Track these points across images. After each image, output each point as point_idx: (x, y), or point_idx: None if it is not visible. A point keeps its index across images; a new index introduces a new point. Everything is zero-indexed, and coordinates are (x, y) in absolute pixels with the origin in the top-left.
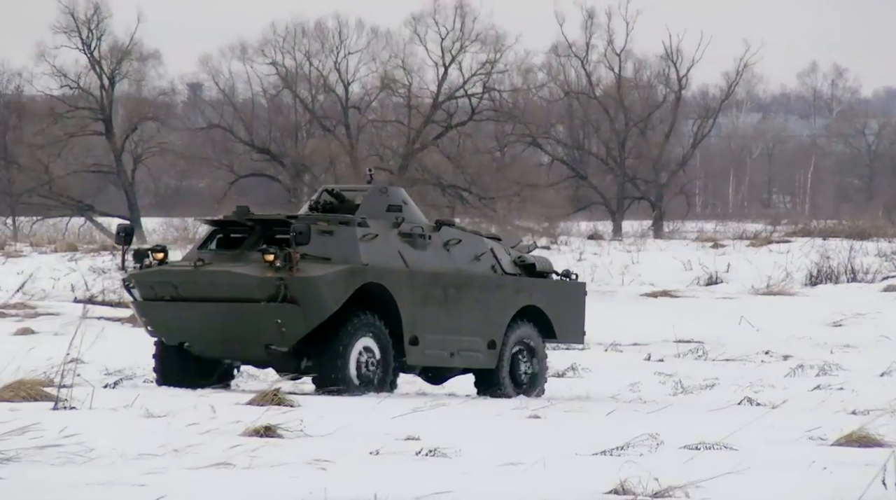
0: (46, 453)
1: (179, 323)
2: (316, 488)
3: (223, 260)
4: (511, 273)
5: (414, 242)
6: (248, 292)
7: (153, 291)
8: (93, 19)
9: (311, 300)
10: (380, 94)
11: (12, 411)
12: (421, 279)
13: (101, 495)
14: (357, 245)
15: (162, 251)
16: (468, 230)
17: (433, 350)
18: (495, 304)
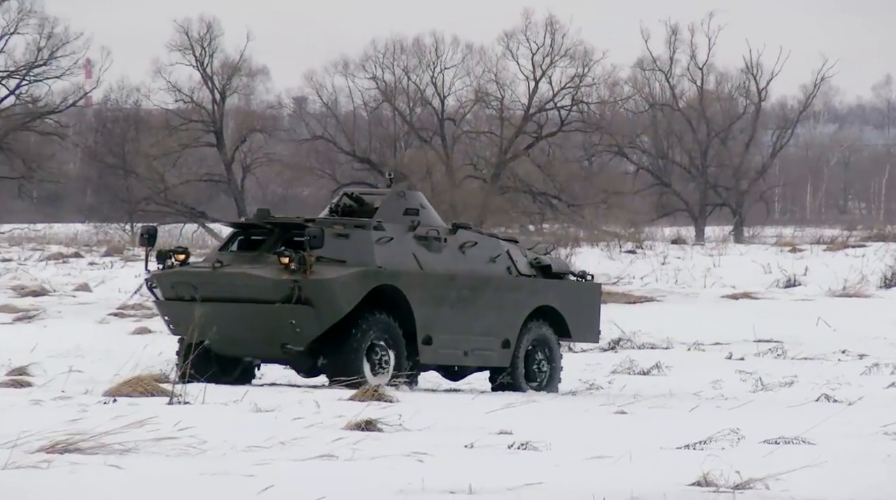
0: (162, 445)
1: (199, 322)
2: (414, 479)
3: (241, 262)
4: (527, 274)
5: (429, 244)
6: (263, 293)
7: (174, 291)
8: (205, 38)
9: (324, 302)
10: (474, 106)
11: (131, 405)
12: (435, 281)
13: (213, 485)
14: (372, 248)
15: (184, 253)
16: (485, 233)
17: (446, 349)
18: (510, 304)
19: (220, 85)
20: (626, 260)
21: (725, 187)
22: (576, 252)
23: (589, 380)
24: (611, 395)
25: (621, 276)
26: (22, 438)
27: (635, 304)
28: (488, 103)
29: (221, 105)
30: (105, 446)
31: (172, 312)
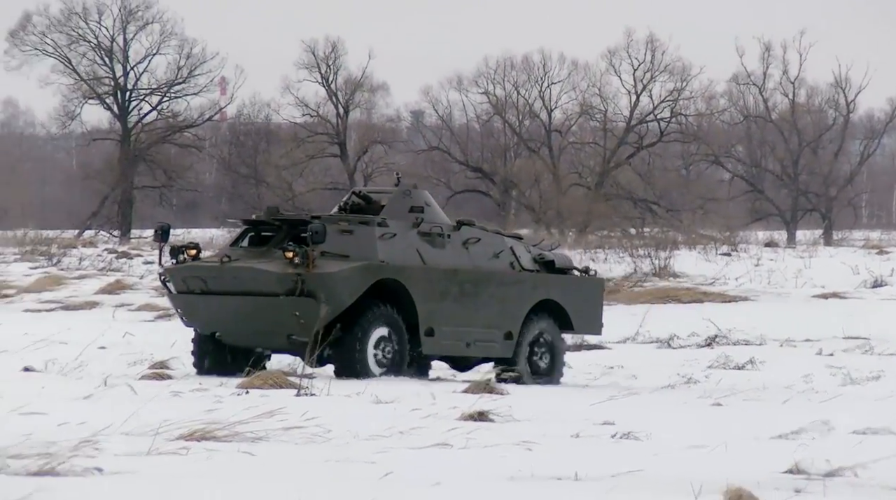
0: (291, 433)
1: (209, 315)
2: (523, 466)
3: (249, 257)
4: (529, 269)
5: (433, 240)
6: (268, 286)
7: (185, 284)
8: (330, 56)
9: (326, 294)
10: (579, 119)
11: (262, 396)
12: (437, 275)
13: (337, 470)
14: (375, 243)
15: (195, 248)
16: (489, 230)
17: (449, 341)
18: (512, 298)
19: (343, 100)
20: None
21: (815, 194)
22: (674, 255)
23: (687, 374)
24: (707, 388)
25: (717, 277)
26: (163, 427)
27: (730, 303)
28: (592, 116)
29: (345, 119)
30: (238, 434)
31: (184, 304)
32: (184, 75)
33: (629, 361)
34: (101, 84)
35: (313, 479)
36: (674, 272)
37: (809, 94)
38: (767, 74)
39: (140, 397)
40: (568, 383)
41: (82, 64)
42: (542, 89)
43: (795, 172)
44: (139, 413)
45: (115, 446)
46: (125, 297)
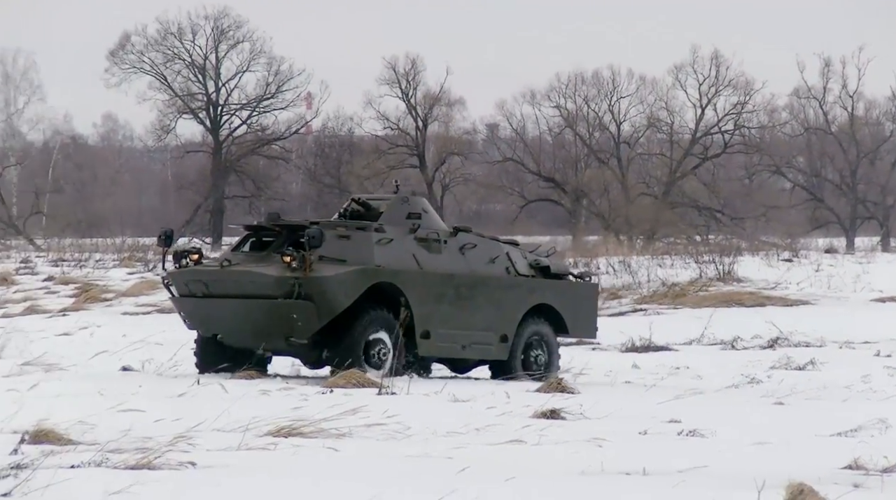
0: (372, 430)
1: (211, 317)
2: (593, 461)
3: (249, 261)
4: (525, 274)
5: (429, 246)
6: (267, 289)
7: (187, 288)
8: (410, 73)
9: (323, 297)
10: (646, 131)
11: (346, 395)
12: (433, 279)
13: (417, 465)
14: (372, 248)
15: (197, 253)
16: (486, 236)
17: (444, 343)
18: (508, 302)
19: (422, 114)
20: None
21: (873, 202)
22: (738, 260)
23: (750, 375)
24: (769, 388)
25: (779, 281)
26: (253, 423)
27: (792, 306)
28: (659, 128)
29: (424, 132)
30: (323, 431)
31: (186, 307)
32: (272, 91)
33: (695, 362)
34: (194, 100)
35: (394, 473)
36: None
37: (867, 107)
38: (827, 88)
39: (231, 395)
40: (636, 383)
41: (177, 81)
42: (612, 103)
43: (854, 181)
44: (230, 411)
45: (207, 441)
46: None
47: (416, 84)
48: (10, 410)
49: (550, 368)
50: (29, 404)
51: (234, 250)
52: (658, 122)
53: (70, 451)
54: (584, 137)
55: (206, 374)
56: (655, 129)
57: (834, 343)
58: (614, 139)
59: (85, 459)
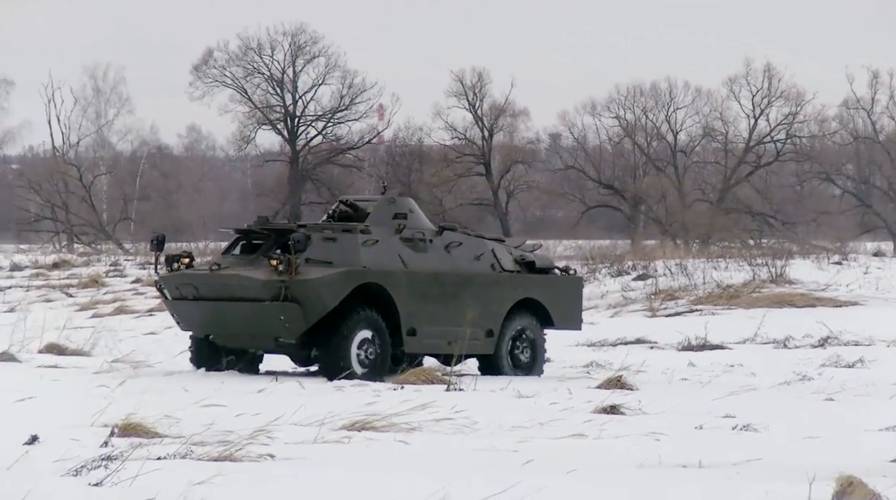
0: (441, 424)
1: (202, 319)
2: (651, 454)
3: (238, 264)
4: (510, 270)
5: (415, 245)
6: (254, 292)
7: (179, 291)
8: (477, 85)
9: (309, 299)
10: (702, 140)
11: (416, 391)
12: (418, 278)
13: (484, 458)
14: (358, 250)
15: (188, 257)
16: (471, 234)
17: (430, 340)
18: (493, 297)
19: (488, 124)
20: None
21: None
22: (789, 263)
23: (801, 372)
24: (820, 385)
25: (829, 283)
26: (328, 418)
27: (841, 307)
28: (714, 138)
29: (489, 141)
30: (394, 425)
31: (178, 310)
32: (346, 103)
33: (748, 360)
34: (273, 111)
35: (461, 466)
36: (789, 279)
37: None
38: (875, 100)
39: (307, 391)
40: (692, 380)
41: (256, 94)
42: (669, 114)
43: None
44: (306, 406)
45: (285, 434)
46: None
47: (483, 96)
48: (101, 405)
49: (537, 360)
50: (118, 399)
51: (224, 254)
52: (713, 131)
53: (156, 444)
54: (642, 146)
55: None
56: (710, 138)
57: (882, 342)
58: (671, 148)
59: (170, 451)
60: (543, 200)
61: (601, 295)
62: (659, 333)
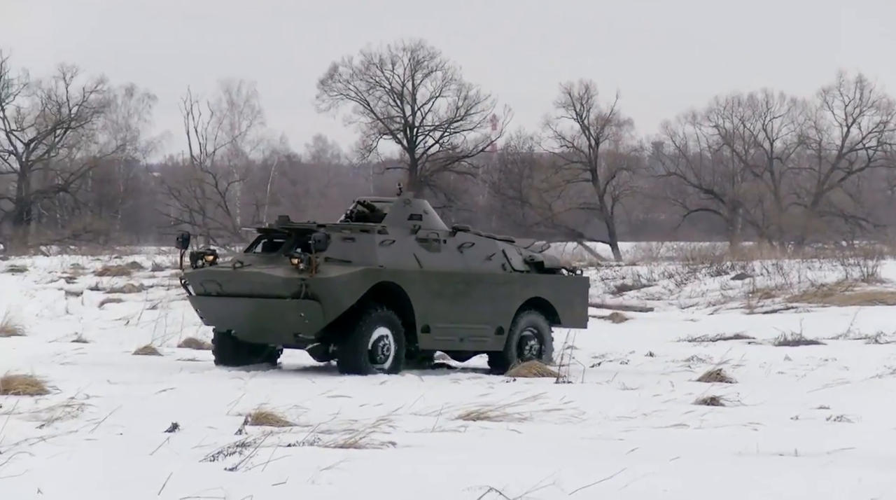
0: (551, 415)
1: (225, 314)
2: (750, 443)
3: (260, 262)
4: (520, 270)
5: (429, 245)
6: (276, 289)
7: (203, 287)
8: (584, 96)
9: (328, 297)
10: (797, 148)
11: (527, 384)
12: (433, 277)
13: (591, 446)
14: (375, 250)
15: (212, 255)
16: (483, 235)
17: (443, 336)
18: (503, 296)
19: (594, 133)
20: None
21: None
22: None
23: (893, 366)
24: None
25: None
26: (445, 408)
27: None
28: (808, 145)
29: (596, 149)
30: (507, 415)
31: (202, 305)
32: (461, 114)
33: (841, 354)
34: (393, 122)
35: (570, 453)
36: (880, 278)
37: None
38: None
39: (426, 383)
40: (788, 374)
41: (378, 106)
42: (765, 122)
43: None
44: (425, 397)
45: (406, 423)
46: None
47: (589, 107)
48: (236, 396)
49: (545, 357)
50: (251, 390)
51: (246, 252)
52: (807, 139)
53: (287, 431)
54: (740, 154)
55: (222, 366)
56: (805, 146)
57: None
58: (767, 155)
59: (300, 439)
60: (647, 204)
61: (701, 293)
62: (756, 329)
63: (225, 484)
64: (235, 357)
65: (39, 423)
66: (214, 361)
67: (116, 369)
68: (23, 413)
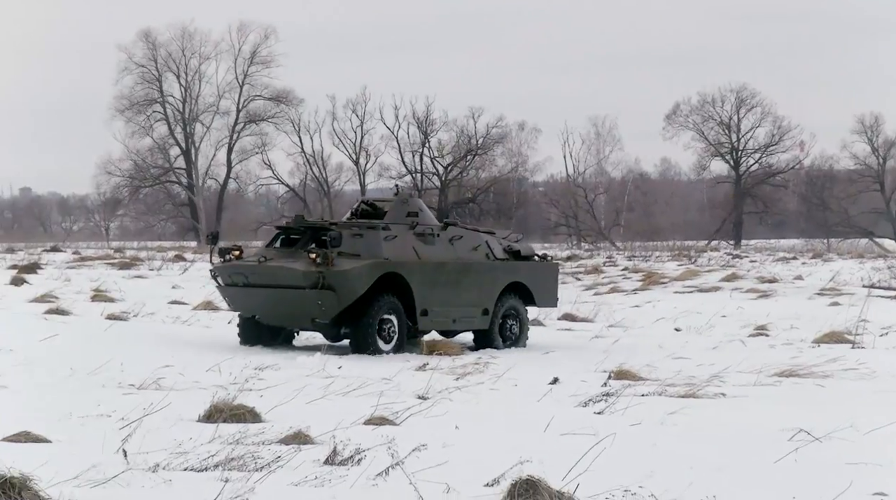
0: (848, 373)
1: (250, 302)
2: None
3: (281, 257)
4: (501, 258)
5: (426, 239)
6: (297, 281)
7: (231, 279)
8: (874, 125)
9: (343, 287)
10: None
11: (829, 348)
12: (429, 267)
13: (882, 398)
14: (381, 244)
15: (238, 250)
16: (468, 228)
17: (439, 318)
18: (488, 282)
19: (882, 153)
20: None
21: None
22: None
23: None
24: None
25: None
26: (764, 367)
27: None
28: None
29: (883, 166)
30: (812, 373)
31: (230, 294)
32: (776, 140)
33: None
34: (722, 147)
35: (864, 403)
36: None
37: None
38: None
39: (748, 348)
40: None
41: (710, 134)
42: None
43: None
44: (749, 359)
45: (733, 379)
46: (739, 283)
47: (878, 132)
48: (601, 357)
49: (522, 334)
50: (612, 353)
51: (267, 247)
52: None
53: (640, 384)
54: None
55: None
56: None
57: None
58: None
59: (650, 390)
60: None
61: None
62: None
63: (594, 424)
64: (258, 338)
65: (455, 376)
66: (239, 341)
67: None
68: (443, 369)
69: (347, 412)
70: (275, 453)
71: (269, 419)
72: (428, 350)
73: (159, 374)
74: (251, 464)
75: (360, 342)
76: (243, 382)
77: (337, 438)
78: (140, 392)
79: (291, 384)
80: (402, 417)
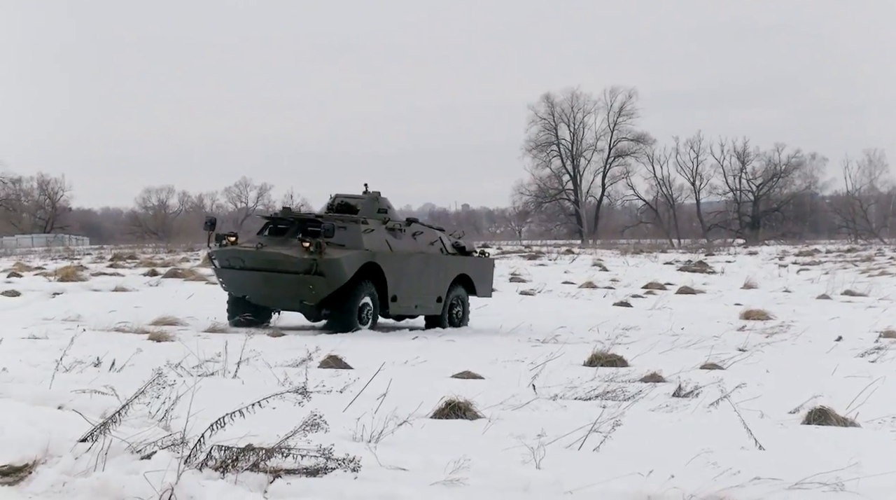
0: None
1: (244, 284)
2: None
3: (275, 244)
4: (451, 253)
5: (395, 234)
6: (291, 266)
7: (228, 262)
8: None
9: (333, 273)
10: None
11: None
12: (399, 258)
13: None
14: (361, 236)
15: (234, 236)
16: (425, 225)
17: (405, 303)
18: (443, 273)
19: None
20: None
21: None
22: None
23: None
24: None
25: None
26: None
27: None
28: None
29: None
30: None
31: (226, 276)
32: None
33: None
34: None
35: None
36: None
37: None
38: None
39: None
40: None
41: None
42: None
43: None
44: None
45: None
46: None
47: None
48: (873, 322)
49: (464, 318)
50: (883, 317)
51: (258, 234)
52: None
53: None
54: None
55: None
56: None
57: None
58: None
59: None
60: None
61: None
62: None
63: (869, 369)
64: (242, 315)
65: (766, 335)
66: (227, 317)
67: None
68: (756, 329)
69: (688, 360)
70: (637, 388)
71: (633, 364)
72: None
73: (556, 333)
74: (621, 395)
75: (343, 323)
76: (614, 338)
77: (681, 378)
78: (543, 345)
79: (647, 340)
80: (728, 363)
